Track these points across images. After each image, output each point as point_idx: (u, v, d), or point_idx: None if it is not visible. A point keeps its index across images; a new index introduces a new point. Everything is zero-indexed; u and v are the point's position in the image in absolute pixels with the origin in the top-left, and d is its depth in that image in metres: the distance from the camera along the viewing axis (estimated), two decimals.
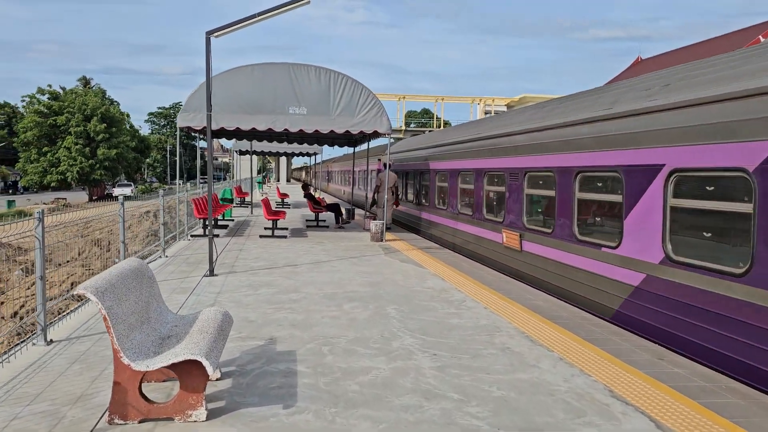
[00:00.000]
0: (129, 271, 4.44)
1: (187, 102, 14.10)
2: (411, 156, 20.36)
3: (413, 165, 19.75)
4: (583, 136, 8.74)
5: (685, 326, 6.40)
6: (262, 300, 8.01)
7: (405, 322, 7.02)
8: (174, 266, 10.69)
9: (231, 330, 5.88)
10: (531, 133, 10.60)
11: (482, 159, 13.08)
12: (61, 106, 59.10)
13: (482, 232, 12.87)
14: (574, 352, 5.96)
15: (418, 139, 21.12)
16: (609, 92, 8.79)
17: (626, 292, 7.51)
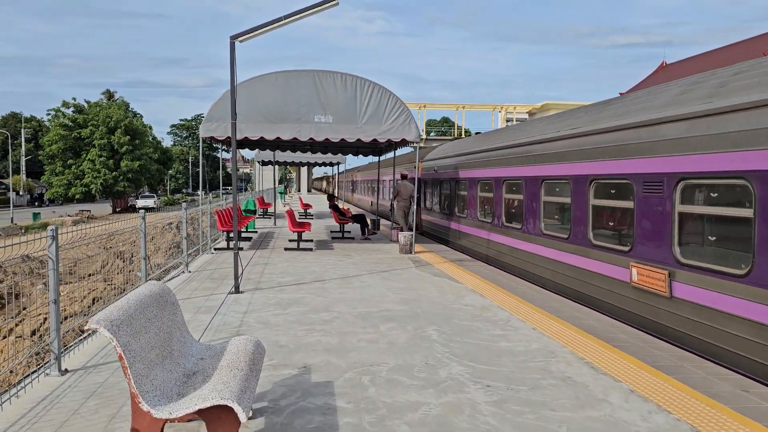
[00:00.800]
0: (149, 298, 3.90)
1: (210, 112, 13.69)
2: (449, 163, 17.97)
3: (451, 174, 17.50)
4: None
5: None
6: (291, 320, 7.46)
7: (449, 345, 6.41)
8: (197, 282, 10.21)
9: None
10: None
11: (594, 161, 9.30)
12: (86, 119, 59.65)
13: (580, 260, 9.54)
14: (645, 383, 5.30)
15: (456, 146, 18.48)
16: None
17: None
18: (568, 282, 9.95)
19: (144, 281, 8.42)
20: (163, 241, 29.22)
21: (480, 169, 14.95)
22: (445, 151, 19.67)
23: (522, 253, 12.08)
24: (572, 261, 9.84)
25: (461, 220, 16.47)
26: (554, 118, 11.99)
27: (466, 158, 16.27)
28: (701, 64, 44.01)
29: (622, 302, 8.33)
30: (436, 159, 19.95)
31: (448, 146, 20.16)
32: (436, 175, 19.50)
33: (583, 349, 6.33)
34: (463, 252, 15.68)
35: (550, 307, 8.47)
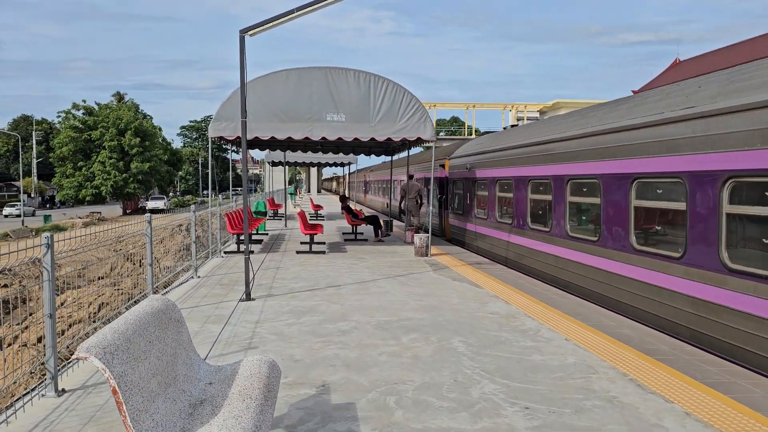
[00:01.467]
0: (150, 316, 3.44)
1: (219, 111, 13.26)
2: (493, 159, 14.82)
3: (498, 171, 14.39)
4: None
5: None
6: (306, 331, 6.99)
7: (478, 359, 5.91)
8: (207, 288, 9.77)
9: None
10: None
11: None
12: (96, 121, 59.59)
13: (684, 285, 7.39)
14: (700, 404, 4.78)
15: (505, 137, 14.96)
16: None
17: None
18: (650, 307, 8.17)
19: (150, 289, 7.99)
20: (172, 244, 28.89)
21: (552, 164, 11.43)
22: (481, 145, 16.52)
23: (632, 284, 8.58)
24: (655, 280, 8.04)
25: (513, 230, 13.30)
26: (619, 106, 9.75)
27: (524, 151, 12.82)
28: (715, 60, 43.20)
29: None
30: (471, 155, 16.79)
31: (487, 139, 16.87)
32: (469, 173, 16.63)
33: (623, 363, 5.82)
34: (520, 272, 12.33)
35: (578, 314, 7.95)
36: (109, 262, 23.15)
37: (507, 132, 16.02)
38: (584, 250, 10.06)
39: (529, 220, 12.50)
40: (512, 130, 15.53)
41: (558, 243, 11.18)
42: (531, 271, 12.23)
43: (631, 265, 8.56)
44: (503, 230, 14.05)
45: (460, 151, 18.39)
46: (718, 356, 6.39)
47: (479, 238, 15.81)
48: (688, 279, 7.30)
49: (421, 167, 23.58)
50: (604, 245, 9.33)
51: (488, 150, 15.43)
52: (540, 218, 12.07)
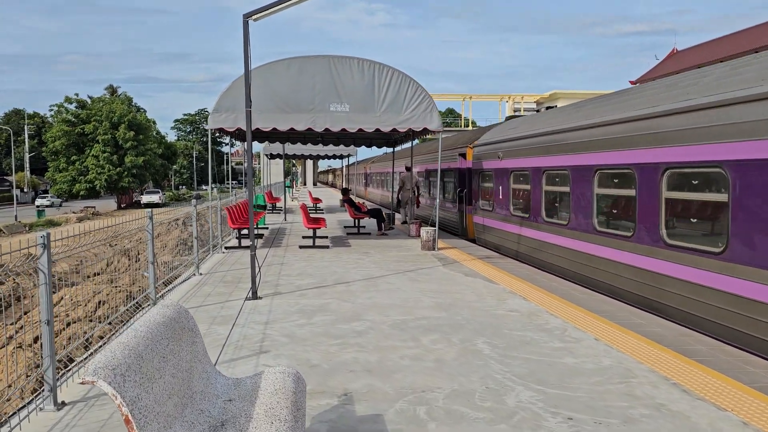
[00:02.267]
0: (162, 327, 3.03)
1: (219, 102, 12.81)
2: (536, 144, 12.13)
3: (543, 159, 11.73)
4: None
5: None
6: (319, 332, 6.59)
7: (507, 363, 5.53)
8: (210, 287, 9.36)
9: None
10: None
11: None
12: (89, 115, 58.88)
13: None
14: (756, 412, 4.41)
15: (554, 117, 12.13)
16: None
17: None
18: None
19: (152, 288, 7.57)
20: (169, 239, 28.43)
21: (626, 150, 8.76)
22: (516, 129, 13.80)
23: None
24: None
25: (577, 234, 10.34)
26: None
27: (594, 133, 9.80)
28: (714, 50, 42.91)
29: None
30: (504, 141, 14.08)
31: (526, 121, 14.24)
32: (502, 163, 14.00)
33: (663, 366, 5.45)
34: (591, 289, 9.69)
35: (604, 312, 7.58)
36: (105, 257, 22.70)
37: (552, 112, 12.98)
38: (703, 265, 7.11)
39: (596, 221, 9.69)
40: (560, 110, 12.50)
41: (655, 254, 8.07)
42: (620, 293, 8.83)
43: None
44: (558, 233, 11.09)
45: (488, 137, 15.61)
46: (760, 357, 6.03)
47: (522, 242, 12.86)
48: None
49: (429, 158, 21.46)
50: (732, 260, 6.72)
51: (532, 134, 12.40)
52: (619, 220, 9.10)
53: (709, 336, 6.77)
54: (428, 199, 22.57)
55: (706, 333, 6.91)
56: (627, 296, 8.73)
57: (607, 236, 9.37)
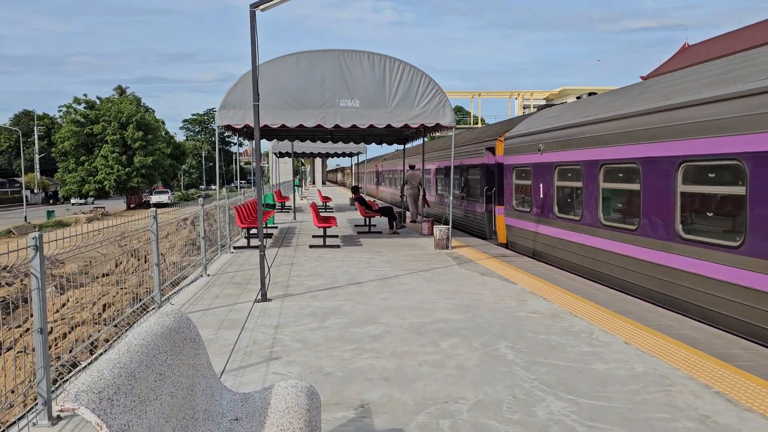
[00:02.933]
0: (161, 340, 2.70)
1: (226, 98, 12.49)
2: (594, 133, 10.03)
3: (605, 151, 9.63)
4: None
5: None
6: (333, 337, 6.26)
7: (533, 369, 5.17)
8: (218, 288, 9.05)
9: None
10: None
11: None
12: (98, 115, 58.89)
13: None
14: None
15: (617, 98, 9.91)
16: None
17: None
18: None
19: (158, 290, 7.26)
20: (178, 238, 28.22)
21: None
22: (558, 118, 11.72)
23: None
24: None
25: (632, 239, 8.72)
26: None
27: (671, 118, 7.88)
28: (726, 44, 42.23)
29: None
30: (544, 131, 12.11)
31: (572, 107, 11.84)
32: (542, 157, 12.09)
33: (701, 372, 5.07)
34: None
35: (630, 313, 7.20)
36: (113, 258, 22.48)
37: (606, 96, 10.72)
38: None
39: (680, 227, 7.73)
40: (617, 93, 10.28)
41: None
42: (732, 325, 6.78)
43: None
44: (623, 240, 9.00)
45: (523, 127, 13.70)
46: None
47: (573, 250, 10.76)
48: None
49: (445, 154, 19.83)
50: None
51: (584, 121, 10.30)
52: (719, 226, 7.13)
53: (746, 338, 6.39)
54: (439, 197, 22.13)
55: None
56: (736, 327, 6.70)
57: (700, 246, 7.23)
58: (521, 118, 15.37)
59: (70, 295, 13.69)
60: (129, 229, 7.05)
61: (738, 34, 43.29)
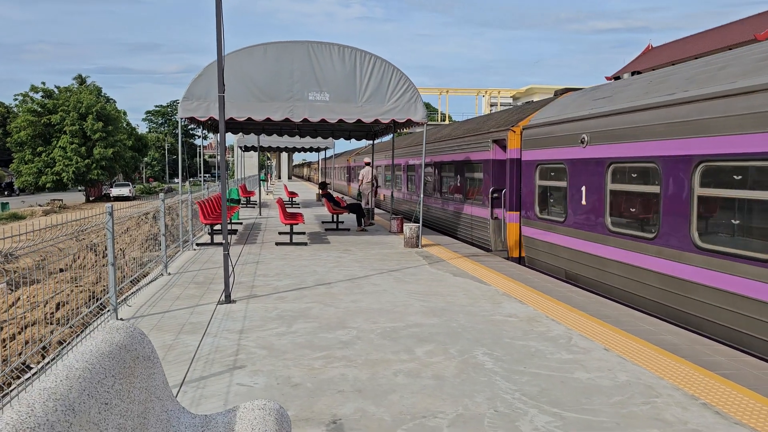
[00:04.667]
0: (108, 361, 2.33)
1: (190, 89, 11.97)
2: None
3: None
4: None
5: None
6: (301, 343, 5.91)
7: (513, 379, 4.92)
8: (179, 288, 8.60)
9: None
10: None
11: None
12: (56, 105, 56.94)
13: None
14: None
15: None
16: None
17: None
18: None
19: (113, 292, 6.78)
20: (139, 233, 27.36)
21: None
22: (609, 100, 9.08)
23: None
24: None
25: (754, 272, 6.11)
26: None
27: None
28: (687, 47, 43.06)
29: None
30: (590, 118, 9.35)
31: (632, 84, 8.94)
32: (586, 151, 9.43)
33: (686, 382, 4.89)
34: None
35: (607, 317, 7.04)
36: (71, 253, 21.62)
37: (692, 67, 7.79)
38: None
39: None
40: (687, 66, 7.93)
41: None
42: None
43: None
44: (736, 271, 6.31)
45: (550, 113, 11.04)
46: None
47: (655, 281, 7.68)
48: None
49: (436, 148, 17.94)
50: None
51: (670, 101, 7.41)
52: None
53: (723, 343, 6.27)
54: (406, 194, 21.78)
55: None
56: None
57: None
58: (540, 104, 12.62)
59: (21, 292, 12.99)
60: (84, 226, 6.57)
61: (699, 37, 44.22)
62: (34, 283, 15.08)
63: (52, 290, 12.66)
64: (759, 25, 35.81)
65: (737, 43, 34.94)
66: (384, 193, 25.72)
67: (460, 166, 15.54)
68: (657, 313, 7.59)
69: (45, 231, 5.81)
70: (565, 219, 10.10)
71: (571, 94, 11.21)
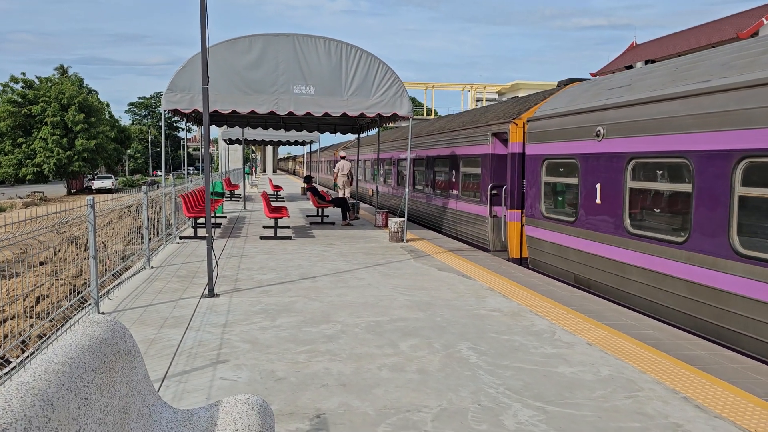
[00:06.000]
0: (88, 355, 2.30)
1: (174, 80, 11.85)
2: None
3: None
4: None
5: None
6: (285, 337, 5.89)
7: (497, 373, 4.94)
8: (162, 282, 8.52)
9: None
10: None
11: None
12: (36, 95, 56.11)
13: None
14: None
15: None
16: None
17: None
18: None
19: (95, 285, 6.71)
20: (121, 226, 27.09)
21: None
22: (629, 89, 8.26)
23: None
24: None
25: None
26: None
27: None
28: (672, 44, 43.49)
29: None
30: (606, 108, 8.55)
31: (664, 69, 7.98)
32: (602, 145, 8.65)
33: (667, 376, 4.94)
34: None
35: (590, 311, 7.08)
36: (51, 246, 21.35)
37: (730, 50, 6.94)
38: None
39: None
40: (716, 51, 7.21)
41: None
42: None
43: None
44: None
45: (559, 104, 10.18)
46: (766, 363, 5.59)
47: (684, 290, 6.90)
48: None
49: (428, 142, 17.20)
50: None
51: (702, 89, 6.68)
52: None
53: (706, 338, 6.34)
54: (394, 188, 21.75)
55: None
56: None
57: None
58: (544, 95, 11.86)
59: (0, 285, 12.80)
60: (65, 218, 6.47)
61: (684, 34, 44.62)
62: (13, 276, 14.88)
63: (32, 283, 12.49)
64: (740, 23, 36.26)
65: (720, 41, 35.39)
66: (371, 188, 25.73)
67: (455, 161, 14.81)
68: (684, 325, 6.93)
69: (26, 223, 5.73)
70: (576, 219, 9.31)
71: (580, 84, 10.52)
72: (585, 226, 9.05)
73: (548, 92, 11.87)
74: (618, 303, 8.18)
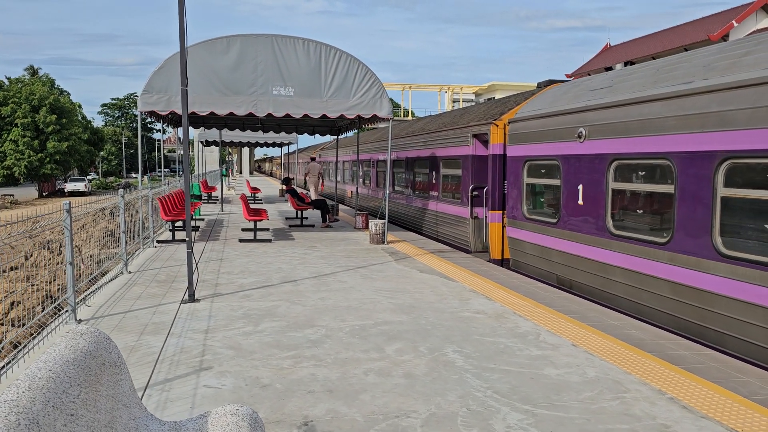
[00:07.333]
0: (73, 369, 2.21)
1: (151, 81, 11.66)
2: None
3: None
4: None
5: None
6: (269, 342, 5.80)
7: (484, 377, 4.92)
8: (141, 287, 8.36)
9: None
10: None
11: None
12: (6, 96, 55.00)
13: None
14: (766, 430, 3.96)
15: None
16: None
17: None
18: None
19: (72, 292, 6.54)
20: (96, 229, 26.64)
21: None
22: (610, 91, 8.24)
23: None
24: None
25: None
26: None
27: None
28: (644, 46, 44.18)
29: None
30: (589, 110, 8.51)
31: (647, 69, 7.94)
32: (584, 147, 8.63)
33: (653, 377, 4.97)
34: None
35: (573, 312, 7.12)
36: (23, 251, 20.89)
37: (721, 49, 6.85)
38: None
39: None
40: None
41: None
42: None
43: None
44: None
45: (540, 105, 10.14)
46: (749, 362, 5.66)
47: (669, 291, 6.90)
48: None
49: (407, 143, 17.16)
50: None
51: (686, 90, 6.65)
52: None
53: (689, 339, 6.41)
54: (373, 190, 21.71)
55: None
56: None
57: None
58: (524, 96, 11.76)
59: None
60: (40, 224, 6.31)
61: (656, 36, 45.32)
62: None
63: (5, 290, 12.19)
64: (712, 25, 36.91)
65: (692, 43, 36.04)
66: (351, 189, 25.63)
67: (436, 162, 14.68)
68: (667, 325, 6.94)
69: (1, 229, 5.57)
70: (558, 220, 9.26)
71: (560, 86, 10.46)
72: (567, 227, 9.01)
73: (528, 93, 11.84)
74: (601, 304, 8.19)
